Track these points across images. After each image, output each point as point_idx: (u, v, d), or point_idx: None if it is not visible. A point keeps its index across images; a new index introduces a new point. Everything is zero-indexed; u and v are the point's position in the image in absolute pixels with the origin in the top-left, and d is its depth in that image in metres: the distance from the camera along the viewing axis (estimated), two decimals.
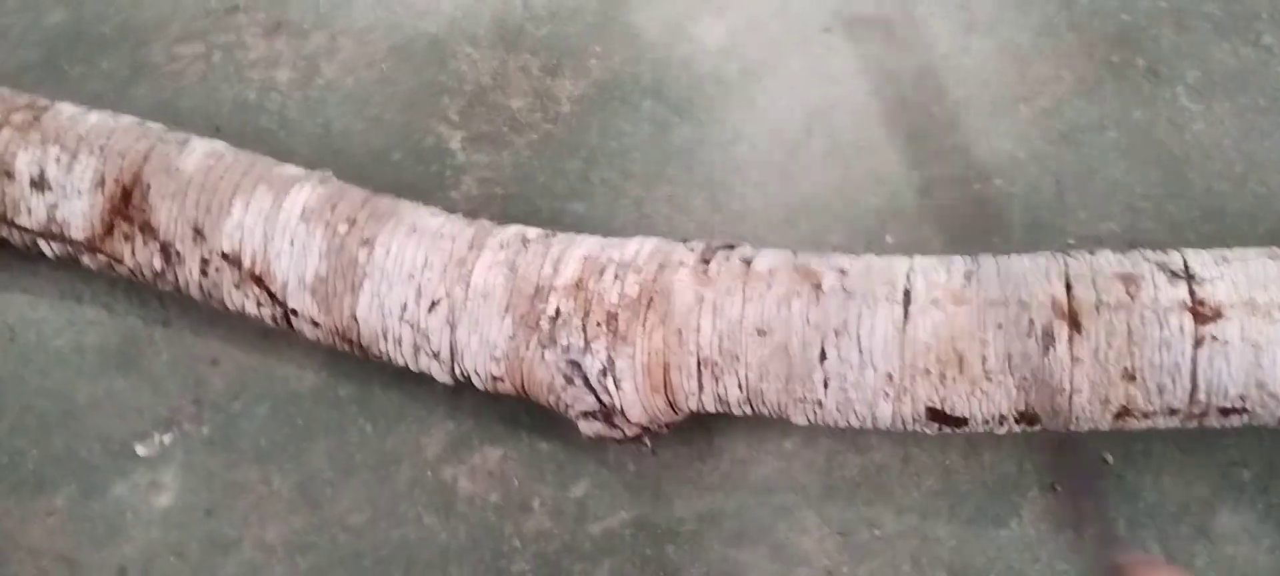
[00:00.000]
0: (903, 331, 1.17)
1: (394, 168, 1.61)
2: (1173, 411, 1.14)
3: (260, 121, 1.66)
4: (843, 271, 1.22)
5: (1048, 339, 1.13)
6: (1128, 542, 0.88)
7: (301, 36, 1.74)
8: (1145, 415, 1.15)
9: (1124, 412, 1.15)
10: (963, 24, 1.67)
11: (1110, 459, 1.36)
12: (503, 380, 1.30)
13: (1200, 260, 1.17)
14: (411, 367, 1.35)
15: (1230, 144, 1.53)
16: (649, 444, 1.32)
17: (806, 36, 1.68)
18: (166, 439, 1.47)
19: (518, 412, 1.44)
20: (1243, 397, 1.12)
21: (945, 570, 1.34)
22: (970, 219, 1.49)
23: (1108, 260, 1.18)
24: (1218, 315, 1.12)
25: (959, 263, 1.22)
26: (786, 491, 1.39)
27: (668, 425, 1.32)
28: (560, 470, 1.42)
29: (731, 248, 1.29)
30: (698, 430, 1.42)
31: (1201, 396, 1.13)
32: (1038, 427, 1.18)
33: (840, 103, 1.62)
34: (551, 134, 1.63)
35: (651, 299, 1.24)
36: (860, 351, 1.17)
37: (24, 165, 1.40)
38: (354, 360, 1.47)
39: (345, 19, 1.76)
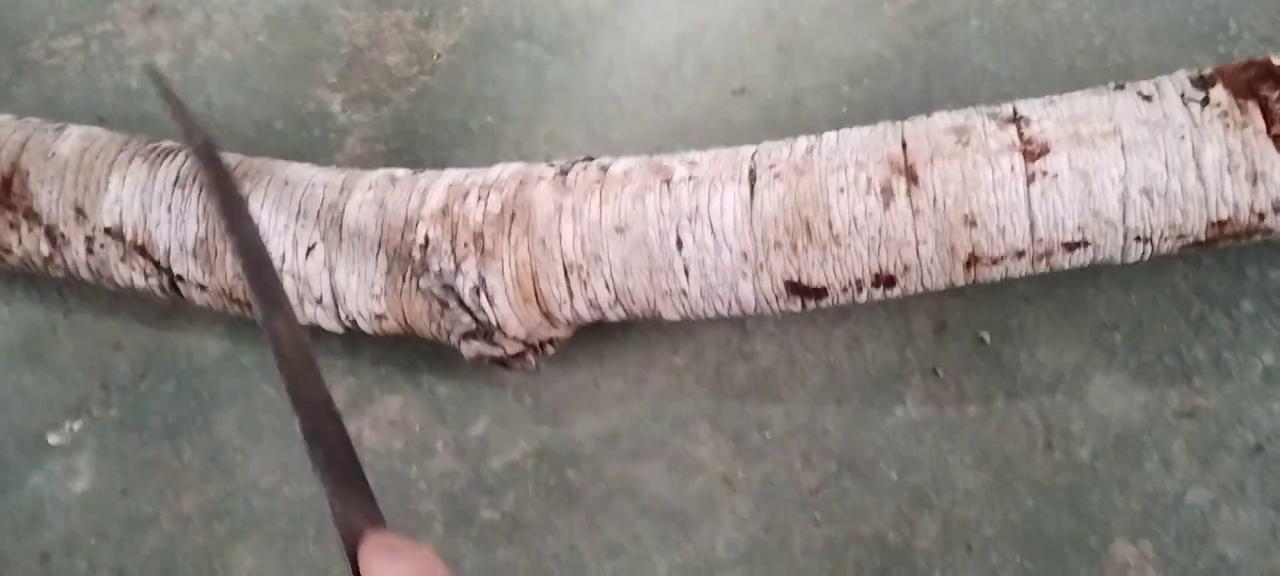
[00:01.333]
0: (750, 207, 1.21)
1: (278, 137, 1.63)
2: (1020, 254, 1.18)
3: (144, 106, 1.68)
4: (693, 163, 1.26)
5: (887, 194, 1.17)
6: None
7: (177, 17, 1.76)
8: (994, 260, 1.19)
9: (973, 260, 1.19)
10: None
11: (987, 337, 1.40)
12: (386, 317, 1.33)
13: (1029, 105, 1.21)
14: (301, 320, 1.39)
15: (1090, 19, 1.55)
16: (534, 362, 1.36)
17: None
18: (77, 426, 1.51)
19: (415, 359, 1.48)
20: (1081, 228, 1.16)
21: (835, 461, 1.38)
22: (841, 122, 1.51)
23: (942, 118, 1.22)
24: (1045, 151, 1.16)
25: (802, 140, 1.25)
26: (679, 404, 1.43)
27: (551, 341, 1.35)
28: (460, 411, 1.46)
29: (590, 159, 1.32)
30: (590, 357, 1.46)
31: (1041, 233, 1.17)
32: (894, 290, 1.22)
33: (709, 23, 1.64)
34: (429, 86, 1.65)
35: (514, 213, 1.27)
36: (713, 233, 1.21)
37: None
38: (252, 328, 1.51)
39: None
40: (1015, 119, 1.19)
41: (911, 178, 1.17)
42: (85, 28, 1.76)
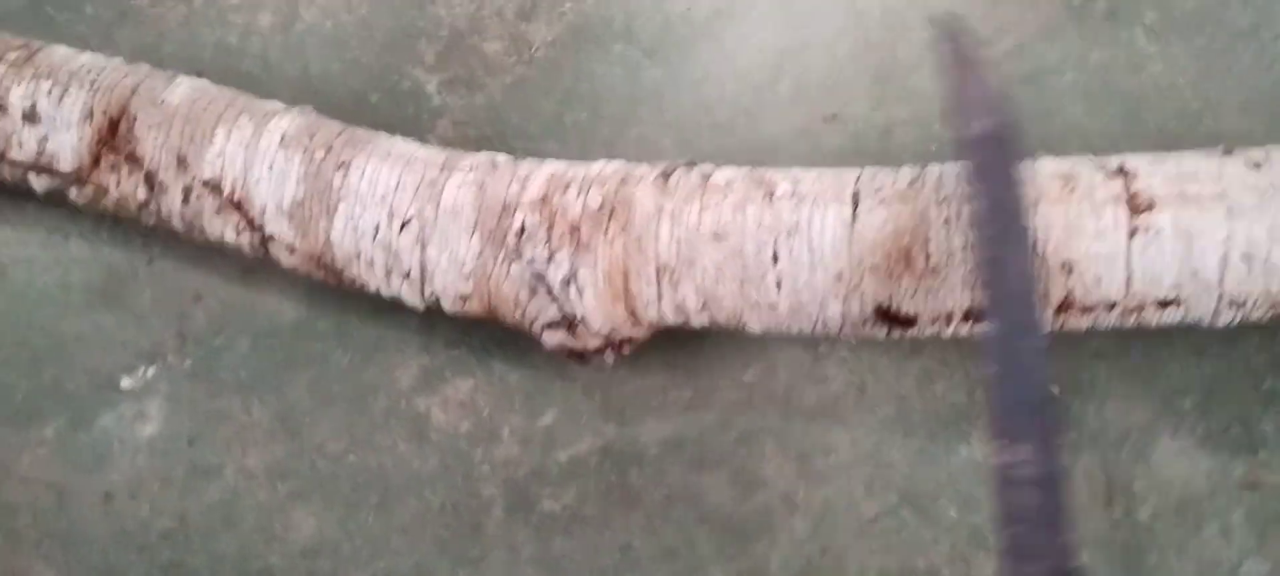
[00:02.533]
0: (851, 228, 1.22)
1: (371, 110, 1.65)
2: (1111, 306, 1.19)
3: (242, 65, 1.70)
4: (796, 180, 1.28)
5: None
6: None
7: None
8: (1085, 309, 1.20)
9: (1065, 306, 1.20)
10: None
11: (1056, 388, 1.41)
12: (471, 298, 1.35)
13: (1136, 160, 1.22)
14: (383, 293, 1.40)
15: (1186, 83, 1.56)
16: (610, 360, 1.37)
17: None
18: (151, 372, 1.52)
19: (489, 345, 1.49)
20: (1177, 286, 1.17)
21: (897, 493, 1.39)
22: (930, 159, 1.52)
23: (1048, 163, 1.24)
24: (1151, 206, 1.17)
25: (906, 170, 1.26)
26: (746, 419, 1.44)
27: (630, 340, 1.37)
28: (528, 400, 1.47)
29: (692, 165, 1.34)
30: (662, 363, 1.47)
31: (1137, 286, 1.18)
32: (982, 326, 1.21)
33: (808, 44, 1.65)
34: (525, 77, 1.67)
35: (613, 209, 1.29)
36: (810, 250, 1.23)
37: (17, 99, 1.45)
38: (332, 295, 1.52)
39: None
40: (1122, 172, 1.20)
41: None
42: None
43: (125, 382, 1.52)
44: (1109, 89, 1.57)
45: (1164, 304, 1.19)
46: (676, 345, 1.47)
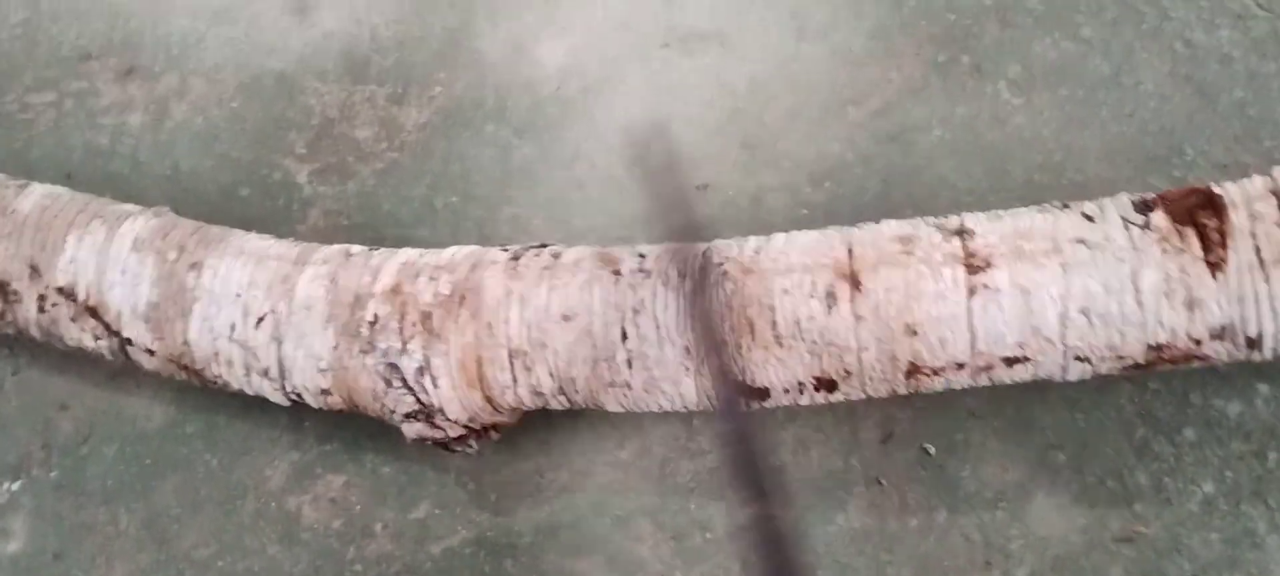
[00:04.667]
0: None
1: (242, 204, 1.64)
2: (960, 366, 1.18)
3: (112, 166, 1.68)
4: (642, 255, 1.27)
5: (831, 299, 1.17)
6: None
7: (153, 79, 1.77)
8: (935, 371, 1.19)
9: (914, 370, 1.19)
10: (794, 32, 1.70)
11: (932, 450, 1.39)
12: (331, 393, 1.33)
13: (975, 218, 1.22)
14: (247, 390, 1.38)
15: (1049, 134, 1.57)
16: (475, 447, 1.35)
17: (645, 52, 1.71)
18: (15, 486, 1.49)
19: (361, 437, 1.47)
20: (1021, 344, 1.16)
21: None
22: (801, 222, 1.52)
23: (890, 226, 1.23)
24: (988, 265, 1.16)
25: (752, 239, 1.26)
26: (623, 500, 1.42)
27: (493, 426, 1.35)
28: (401, 493, 1.45)
29: (543, 246, 1.33)
30: (536, 444, 1.45)
31: (981, 346, 1.17)
32: (836, 394, 1.21)
33: (677, 116, 1.65)
34: (397, 162, 1.66)
35: (464, 296, 1.27)
36: (657, 327, 1.21)
37: None
38: (201, 395, 1.50)
39: (196, 59, 1.79)
40: (961, 231, 1.20)
41: (855, 284, 1.18)
42: (61, 84, 1.77)
43: None
44: (975, 143, 1.58)
45: (1011, 361, 1.18)
46: (551, 426, 1.45)
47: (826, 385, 1.21)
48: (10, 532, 1.46)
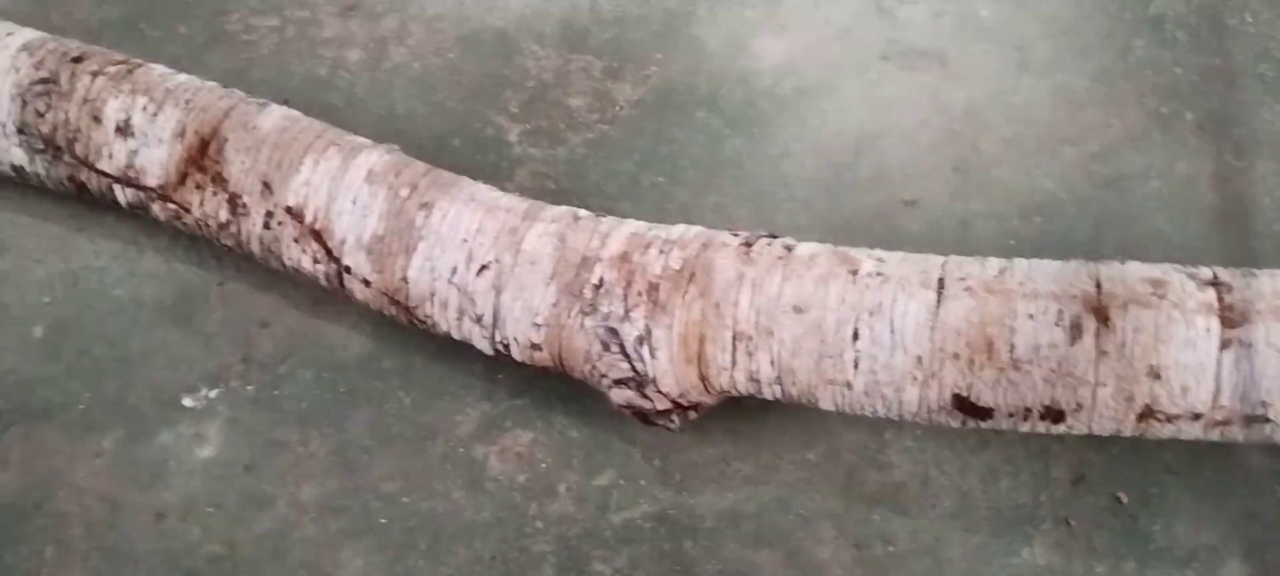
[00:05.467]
0: (935, 314, 1.21)
1: (453, 153, 1.66)
2: (1196, 416, 1.17)
3: (328, 97, 1.72)
4: (880, 260, 1.27)
5: (1075, 331, 1.17)
6: None
7: (374, 19, 1.80)
8: (1169, 418, 1.18)
9: (1147, 413, 1.18)
10: (1017, 64, 1.70)
11: (1125, 499, 1.38)
12: (541, 348, 1.34)
13: (1229, 272, 1.21)
14: (454, 334, 1.40)
15: (1270, 203, 1.55)
16: (677, 423, 1.36)
17: (863, 62, 1.72)
18: (213, 394, 1.52)
19: (552, 398, 1.48)
20: (1265, 404, 1.16)
21: None
22: (1007, 253, 1.51)
23: (1137, 267, 1.23)
24: (1244, 319, 1.15)
25: (993, 260, 1.26)
26: (806, 500, 1.42)
27: (698, 406, 1.35)
28: (588, 459, 1.46)
29: (774, 236, 1.33)
30: (725, 431, 1.46)
31: (1224, 399, 1.16)
32: (1060, 426, 1.20)
33: (890, 129, 1.65)
34: (607, 134, 1.68)
35: (693, 273, 1.28)
36: (892, 332, 1.22)
37: (112, 112, 1.47)
38: (399, 333, 1.52)
39: (417, 6, 1.82)
40: (1215, 282, 1.19)
41: (1103, 319, 1.17)
42: (284, 10, 1.81)
43: (187, 402, 1.52)
44: (1192, 201, 1.56)
45: (1250, 420, 1.17)
46: (741, 415, 1.45)
47: (1054, 415, 1.21)
48: (206, 438, 1.49)
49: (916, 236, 1.57)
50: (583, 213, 1.40)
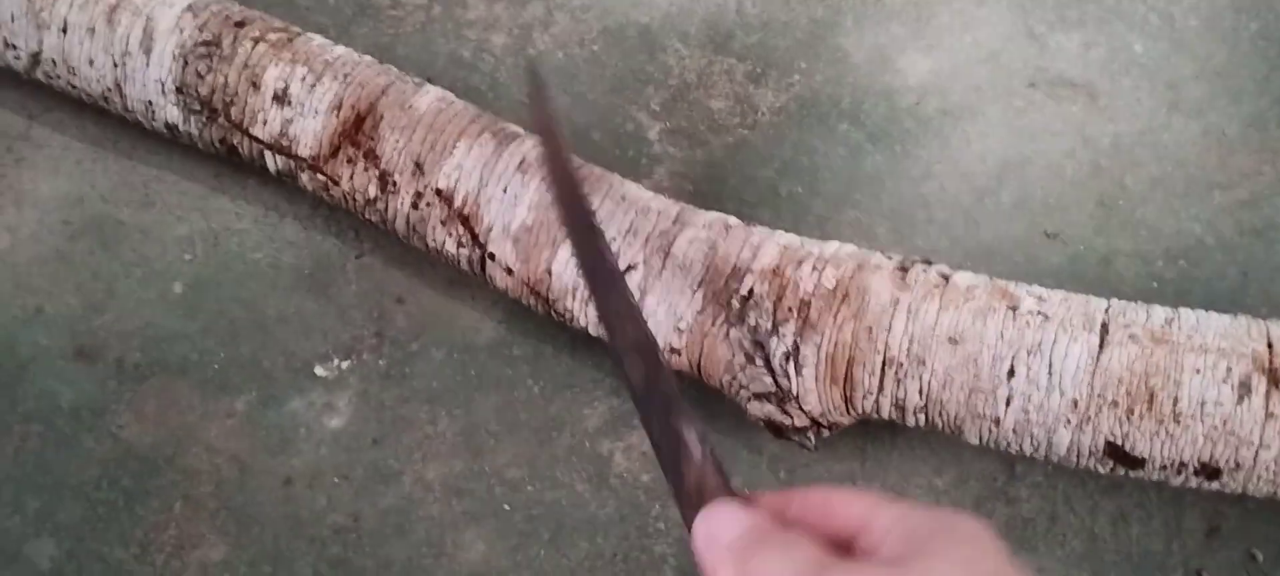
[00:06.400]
0: (1097, 359, 1.19)
1: (593, 146, 1.66)
2: None
3: (471, 79, 1.73)
4: (1041, 298, 1.26)
5: (1244, 389, 1.15)
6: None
7: (520, 4, 1.81)
8: None
9: None
10: (1168, 102, 1.67)
11: (1260, 556, 1.36)
12: (680, 353, 1.34)
13: None
14: (591, 331, 1.40)
15: None
16: (814, 441, 1.35)
17: (1010, 88, 1.70)
18: (345, 365, 1.54)
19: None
20: None
21: None
22: (1149, 296, 1.49)
23: None
24: None
25: (1159, 309, 1.24)
26: None
27: (833, 425, 1.35)
28: None
29: (929, 262, 1.32)
30: (853, 450, 1.45)
31: None
32: (1215, 483, 1.19)
33: (1035, 158, 1.63)
34: (747, 139, 1.67)
35: (847, 293, 1.28)
36: (1051, 373, 1.20)
37: (271, 79, 1.49)
38: (531, 322, 1.53)
39: None
40: None
41: (1274, 380, 1.15)
42: None
43: (319, 371, 1.53)
44: None
45: None
46: (870, 436, 1.45)
47: (1210, 472, 1.19)
48: (336, 409, 1.51)
49: (1057, 269, 1.55)
50: (734, 221, 1.40)
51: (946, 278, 1.29)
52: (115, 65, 1.54)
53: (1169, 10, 1.78)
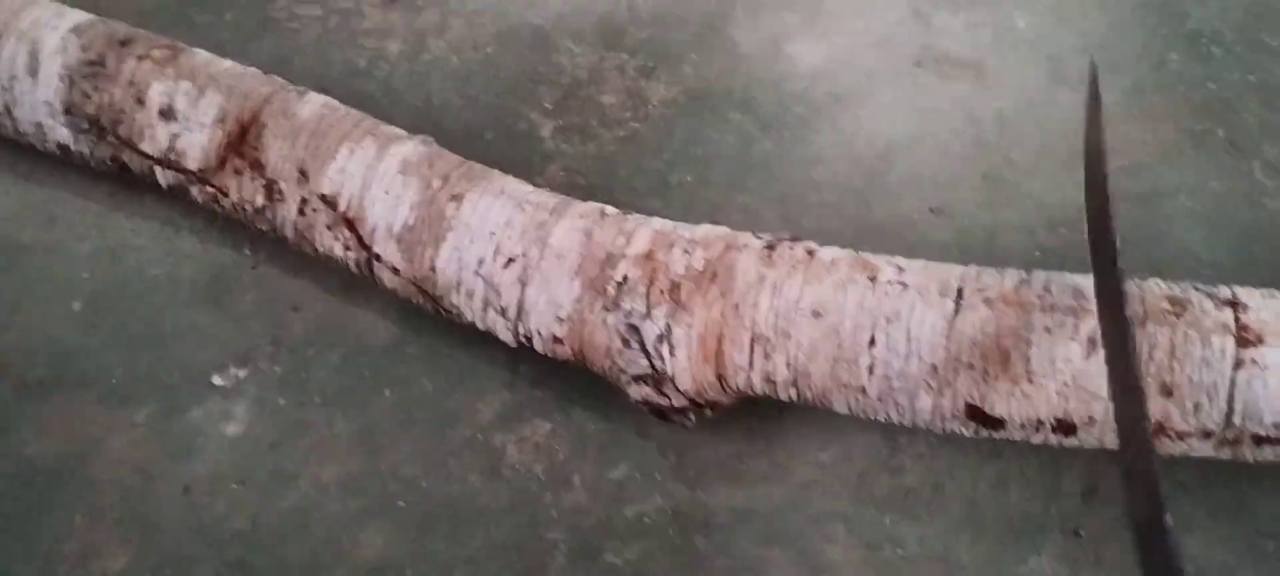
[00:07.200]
0: (952, 324, 1.22)
1: (485, 146, 1.69)
2: (1207, 434, 1.18)
3: (366, 87, 1.75)
4: (900, 268, 1.29)
5: (1091, 345, 1.18)
6: None
7: (415, 11, 1.83)
8: (1180, 435, 1.19)
9: (1159, 430, 1.19)
10: (1051, 75, 1.70)
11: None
12: (562, 342, 1.36)
13: (1248, 293, 1.21)
14: (478, 325, 1.42)
15: None
16: (692, 420, 1.37)
17: (898, 70, 1.72)
18: (242, 373, 1.56)
19: (570, 390, 1.50)
20: (1277, 426, 1.16)
21: None
22: (1033, 264, 1.51)
23: (1157, 285, 1.24)
24: (1259, 340, 1.16)
25: (1011, 272, 1.27)
26: (818, 500, 1.43)
27: (713, 404, 1.37)
28: (603, 452, 1.48)
29: (798, 239, 1.34)
30: (741, 430, 1.47)
31: (1237, 420, 1.17)
32: (1072, 439, 1.21)
33: (923, 137, 1.66)
34: (638, 133, 1.70)
35: (716, 273, 1.30)
36: (908, 339, 1.23)
37: (156, 94, 1.51)
38: (425, 320, 1.55)
39: (459, 0, 1.85)
40: (1233, 303, 1.19)
41: None
42: (329, 1, 1.85)
43: (217, 380, 1.55)
44: (1224, 219, 1.56)
45: (1260, 440, 1.17)
46: (756, 415, 1.47)
47: (1066, 428, 1.21)
48: (233, 415, 1.53)
49: (944, 245, 1.58)
50: (610, 209, 1.42)
51: (812, 253, 1.32)
52: (3, 89, 1.56)
53: None
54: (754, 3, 1.81)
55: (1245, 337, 1.16)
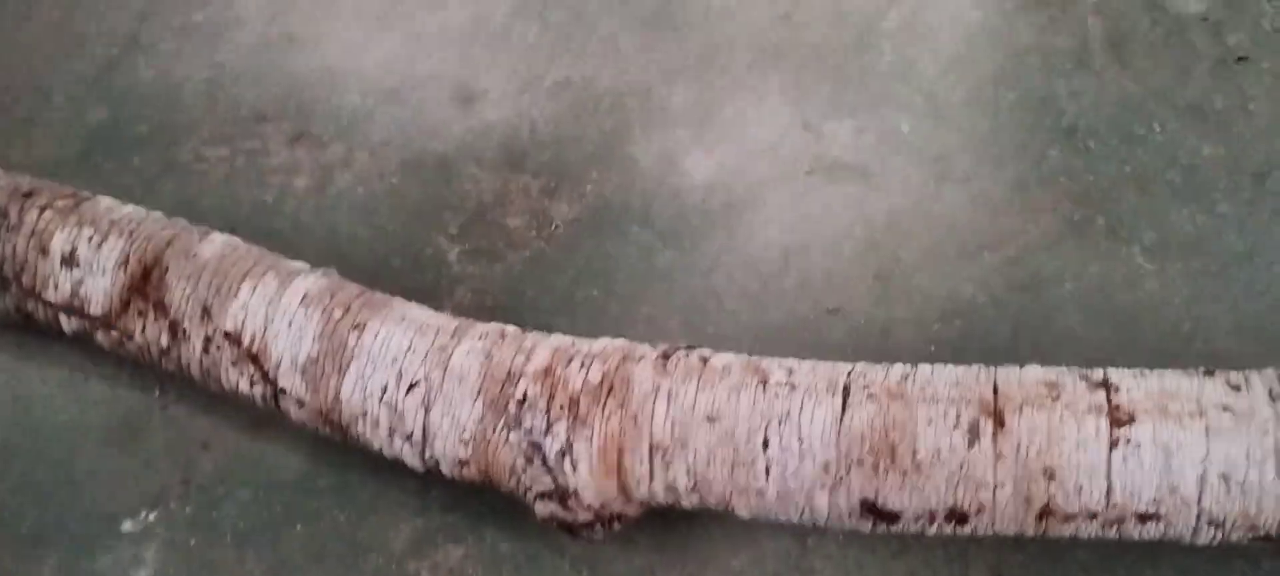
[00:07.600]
0: (840, 421, 1.25)
1: (393, 273, 1.72)
2: (1092, 515, 1.22)
3: (274, 223, 1.78)
4: (790, 370, 1.32)
5: (974, 433, 1.21)
6: None
7: (321, 147, 1.87)
8: (1067, 517, 1.22)
9: (1046, 513, 1.23)
10: (936, 174, 1.77)
11: None
12: (469, 464, 1.38)
13: (1119, 374, 1.26)
14: (385, 453, 1.44)
15: (1180, 304, 1.60)
16: (601, 534, 1.39)
17: (790, 176, 1.78)
18: (152, 516, 1.56)
19: (484, 511, 1.52)
20: (1156, 501, 1.20)
21: None
22: (928, 357, 1.56)
23: (1034, 371, 1.28)
24: (1131, 419, 1.20)
25: (897, 367, 1.31)
26: None
27: (621, 517, 1.39)
28: (517, 571, 1.49)
29: (692, 348, 1.38)
30: (652, 543, 1.49)
31: (1117, 498, 1.20)
32: (965, 527, 1.24)
33: (815, 240, 1.71)
34: (544, 252, 1.74)
35: (613, 386, 1.33)
36: (800, 439, 1.26)
37: (58, 244, 1.54)
38: (336, 451, 1.56)
39: (363, 133, 1.89)
40: (1105, 384, 1.24)
41: (999, 421, 1.22)
42: (235, 141, 1.88)
43: (127, 525, 1.55)
44: (1106, 303, 1.62)
45: (1144, 517, 1.21)
46: (667, 527, 1.49)
47: (958, 517, 1.24)
48: (143, 560, 1.52)
49: (840, 344, 1.62)
50: (511, 329, 1.45)
51: (706, 360, 1.35)
52: None
53: (933, 89, 1.88)
54: (649, 119, 1.87)
55: (1118, 417, 1.20)
